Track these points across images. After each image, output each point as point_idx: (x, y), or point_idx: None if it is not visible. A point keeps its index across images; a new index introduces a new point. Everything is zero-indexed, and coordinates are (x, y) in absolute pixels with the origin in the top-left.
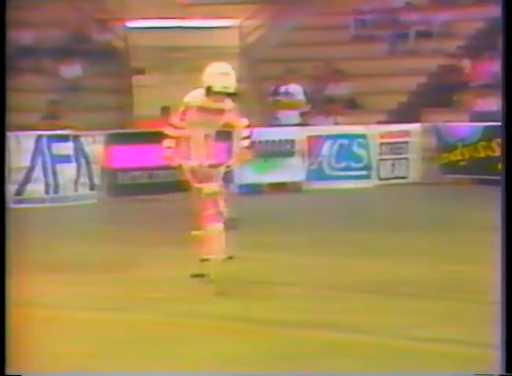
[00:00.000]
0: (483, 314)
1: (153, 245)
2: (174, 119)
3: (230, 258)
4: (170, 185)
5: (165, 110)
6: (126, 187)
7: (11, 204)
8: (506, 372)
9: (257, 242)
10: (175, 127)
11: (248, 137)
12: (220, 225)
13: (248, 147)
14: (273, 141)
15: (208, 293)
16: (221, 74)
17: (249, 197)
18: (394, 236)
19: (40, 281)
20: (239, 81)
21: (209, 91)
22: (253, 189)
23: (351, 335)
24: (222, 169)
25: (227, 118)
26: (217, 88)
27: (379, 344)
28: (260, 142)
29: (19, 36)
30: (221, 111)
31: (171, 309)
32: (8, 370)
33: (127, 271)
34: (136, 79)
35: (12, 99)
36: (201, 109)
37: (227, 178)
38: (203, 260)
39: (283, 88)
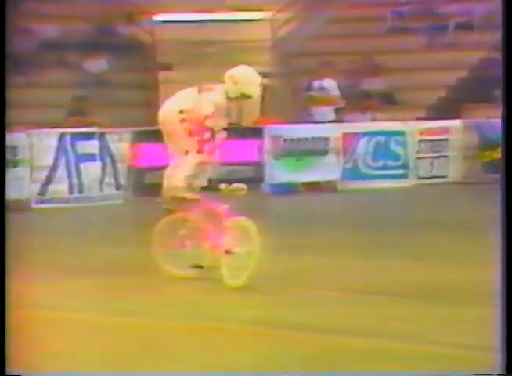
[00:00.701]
0: None
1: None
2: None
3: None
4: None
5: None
6: (153, 187)
7: (33, 204)
8: (506, 372)
9: (290, 244)
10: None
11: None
12: (245, 219)
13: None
14: (306, 139)
15: (238, 296)
16: (258, 82)
17: (281, 197)
18: (432, 239)
19: (65, 285)
20: (270, 76)
21: (239, 95)
22: (285, 189)
23: (387, 342)
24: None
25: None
26: (253, 94)
27: (416, 352)
28: (292, 139)
29: (43, 29)
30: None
31: (202, 312)
32: (8, 370)
33: (154, 274)
34: (163, 74)
35: (35, 94)
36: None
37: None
38: (227, 252)
39: (316, 83)
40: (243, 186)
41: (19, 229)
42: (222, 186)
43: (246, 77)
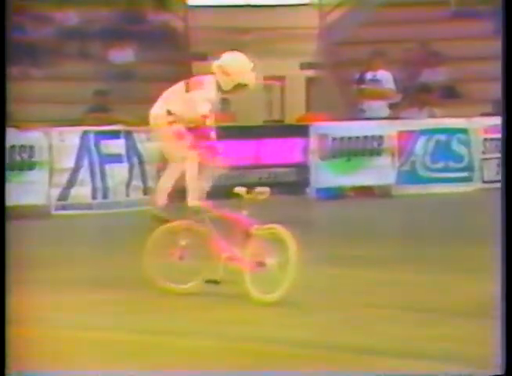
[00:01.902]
0: None
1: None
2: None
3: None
4: (234, 188)
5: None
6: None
7: (53, 211)
8: (506, 372)
9: (337, 256)
10: None
11: None
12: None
13: None
14: (357, 137)
15: (282, 314)
16: (251, 68)
17: (328, 202)
18: (499, 250)
19: (86, 298)
20: (317, 67)
21: (234, 86)
22: (333, 194)
23: (452, 365)
24: None
25: None
26: (248, 82)
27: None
28: (341, 138)
29: (63, 16)
30: None
31: (244, 332)
32: (8, 370)
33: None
34: (197, 65)
35: (54, 88)
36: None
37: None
38: (259, 264)
39: (369, 75)
40: (266, 189)
41: (37, 238)
42: (242, 190)
43: (237, 66)
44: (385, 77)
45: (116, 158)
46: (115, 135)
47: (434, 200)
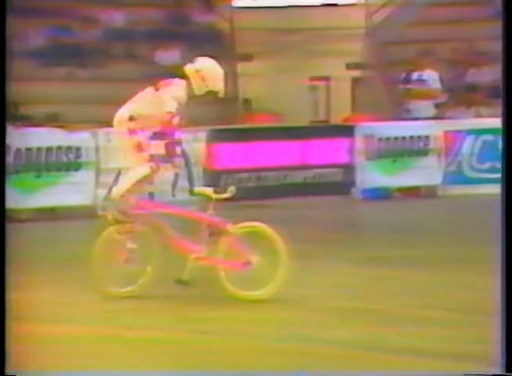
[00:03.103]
0: None
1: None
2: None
3: None
4: (279, 189)
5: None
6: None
7: (99, 211)
8: (506, 372)
9: (383, 256)
10: None
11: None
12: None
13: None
14: (403, 137)
15: (324, 314)
16: (220, 74)
17: (374, 203)
18: None
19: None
20: (363, 67)
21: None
22: (379, 194)
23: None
24: None
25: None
26: (220, 89)
27: None
28: (387, 138)
29: (110, 17)
30: None
31: (288, 333)
32: (8, 370)
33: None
34: (243, 67)
35: (100, 89)
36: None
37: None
38: (246, 263)
39: (415, 75)
40: (232, 188)
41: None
42: (209, 190)
43: (214, 72)
44: (431, 76)
45: (162, 159)
46: (161, 135)
47: (480, 201)
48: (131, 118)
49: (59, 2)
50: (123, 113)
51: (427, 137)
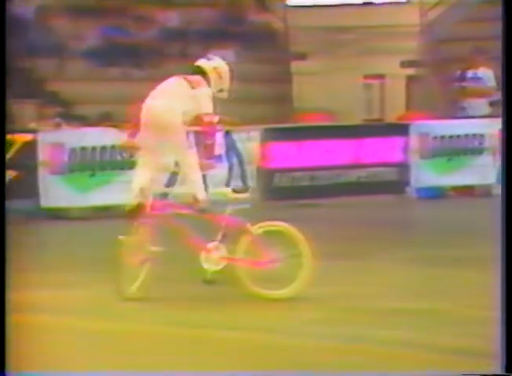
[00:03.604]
0: None
1: (316, 257)
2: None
3: None
4: (333, 188)
5: None
6: (284, 190)
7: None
8: (506, 372)
9: (437, 255)
10: None
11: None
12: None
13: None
14: (458, 136)
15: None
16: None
17: (429, 202)
18: None
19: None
20: (417, 65)
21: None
22: (433, 193)
23: None
24: None
25: None
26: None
27: None
28: (442, 137)
29: (165, 17)
30: None
31: (333, 332)
32: (8, 370)
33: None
34: (296, 65)
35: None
36: None
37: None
38: (272, 261)
39: (470, 73)
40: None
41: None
42: (227, 190)
43: (226, 70)
44: (486, 74)
45: (216, 158)
46: None
47: None
48: (184, 113)
49: (115, 2)
50: (172, 106)
51: (481, 135)
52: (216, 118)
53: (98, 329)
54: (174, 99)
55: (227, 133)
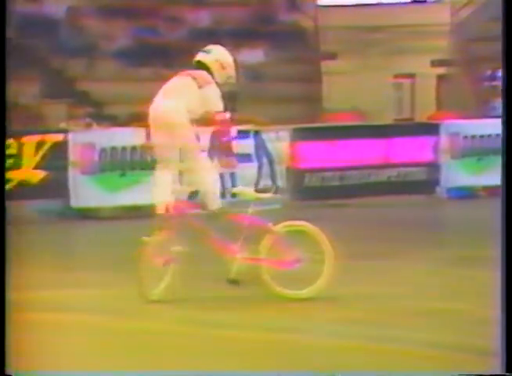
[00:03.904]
0: None
1: (346, 258)
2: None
3: None
4: (363, 188)
5: None
6: (314, 190)
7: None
8: (506, 372)
9: (467, 256)
10: None
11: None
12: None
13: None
14: (489, 136)
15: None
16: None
17: (459, 202)
18: None
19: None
20: (449, 63)
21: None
22: (463, 193)
23: None
24: None
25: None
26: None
27: None
28: (473, 137)
29: (196, 17)
30: None
31: (362, 332)
32: (8, 370)
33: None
34: (326, 65)
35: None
36: None
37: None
38: (296, 261)
39: (501, 72)
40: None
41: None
42: (249, 190)
43: (229, 59)
44: None
45: (245, 158)
46: (244, 134)
47: None
48: (189, 110)
49: (145, 3)
50: (176, 105)
51: None
52: (228, 115)
53: (125, 329)
54: (178, 98)
55: (256, 133)
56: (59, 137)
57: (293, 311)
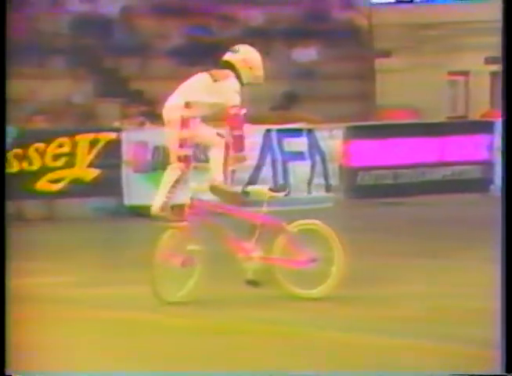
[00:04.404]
0: None
1: (399, 256)
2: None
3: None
4: (417, 186)
5: None
6: (367, 189)
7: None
8: (506, 372)
9: None
10: None
11: None
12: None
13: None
14: None
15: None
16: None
17: None
18: None
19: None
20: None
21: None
22: None
23: None
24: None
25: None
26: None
27: None
28: None
29: (249, 16)
30: None
31: (422, 330)
32: (8, 370)
33: (370, 286)
34: (380, 62)
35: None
36: None
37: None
38: (312, 260)
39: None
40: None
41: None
42: (264, 188)
43: (257, 59)
44: None
45: (298, 156)
46: (297, 133)
47: None
48: (187, 105)
49: (198, 2)
50: (177, 99)
51: None
52: (244, 111)
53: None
54: (181, 94)
55: (310, 131)
56: (113, 135)
57: (342, 310)
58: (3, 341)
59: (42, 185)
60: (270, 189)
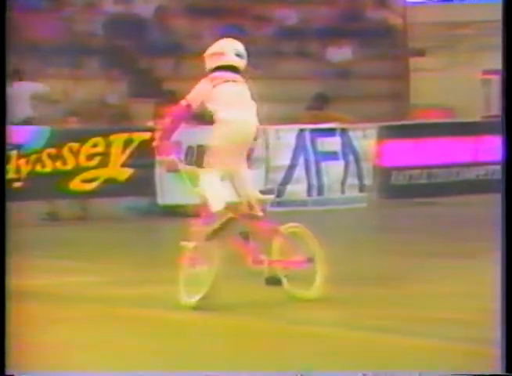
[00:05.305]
0: None
1: (432, 256)
2: None
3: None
4: (449, 186)
5: None
6: (401, 189)
7: (268, 207)
8: (506, 372)
9: None
10: None
11: None
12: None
13: None
14: None
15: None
16: None
17: None
18: None
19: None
20: None
21: None
22: None
23: None
24: None
25: None
26: None
27: None
28: None
29: (283, 15)
30: None
31: (455, 333)
32: (8, 370)
33: (402, 286)
34: (414, 62)
35: (271, 87)
36: None
37: None
38: (309, 260)
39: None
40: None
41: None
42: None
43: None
44: None
45: (331, 156)
46: (331, 132)
47: None
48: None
49: (232, 1)
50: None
51: None
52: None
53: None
54: (189, 98)
55: (343, 131)
56: (147, 135)
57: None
58: (3, 341)
59: (76, 184)
60: (261, 192)
